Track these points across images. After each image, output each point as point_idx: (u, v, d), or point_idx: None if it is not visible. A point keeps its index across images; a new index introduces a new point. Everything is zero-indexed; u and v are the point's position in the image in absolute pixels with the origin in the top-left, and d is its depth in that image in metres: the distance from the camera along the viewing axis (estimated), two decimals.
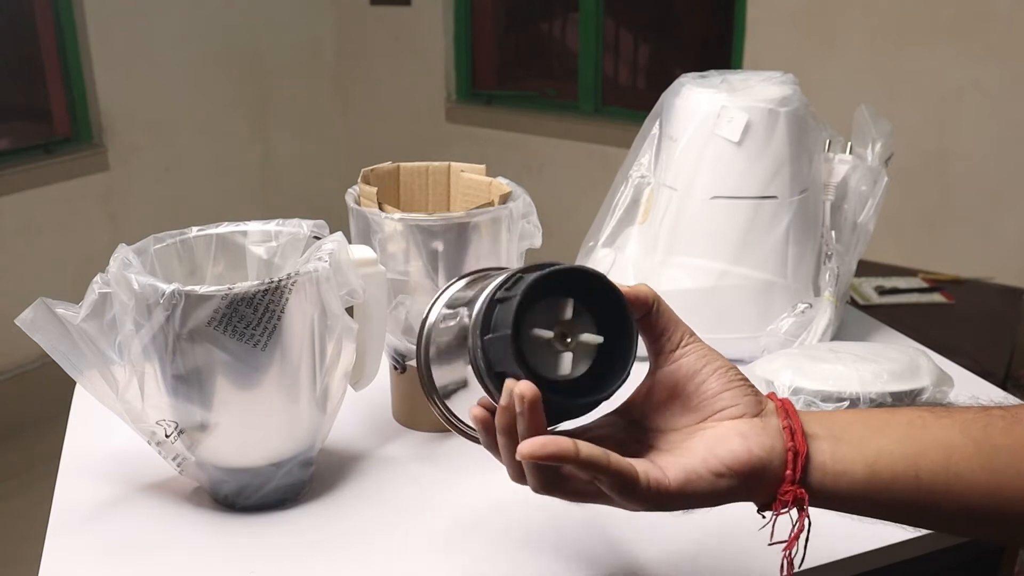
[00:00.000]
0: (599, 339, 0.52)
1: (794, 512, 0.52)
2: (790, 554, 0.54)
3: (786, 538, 0.53)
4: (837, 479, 0.52)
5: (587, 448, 0.48)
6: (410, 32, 3.65)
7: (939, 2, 2.57)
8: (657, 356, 0.55)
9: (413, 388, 0.87)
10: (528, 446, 0.48)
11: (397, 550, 0.71)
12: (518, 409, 0.49)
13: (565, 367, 0.51)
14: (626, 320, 0.52)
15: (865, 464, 0.52)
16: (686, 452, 0.52)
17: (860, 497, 0.52)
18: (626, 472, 0.49)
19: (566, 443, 0.48)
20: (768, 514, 0.53)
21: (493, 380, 0.52)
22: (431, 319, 0.60)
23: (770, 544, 0.53)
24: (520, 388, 0.49)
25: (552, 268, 0.52)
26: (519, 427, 0.50)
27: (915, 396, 0.78)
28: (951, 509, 0.53)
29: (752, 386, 0.54)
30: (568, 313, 0.52)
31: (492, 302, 0.52)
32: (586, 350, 0.52)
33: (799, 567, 0.55)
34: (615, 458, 0.49)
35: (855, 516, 0.54)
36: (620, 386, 0.52)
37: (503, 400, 0.50)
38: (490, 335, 0.51)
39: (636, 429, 0.55)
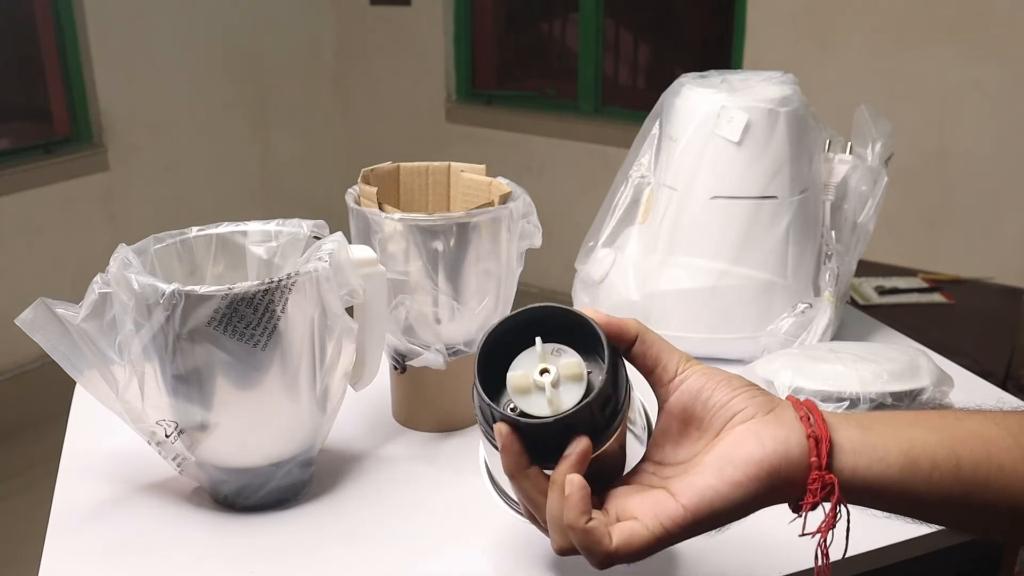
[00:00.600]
0: (575, 357, 0.52)
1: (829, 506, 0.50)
2: (825, 544, 0.52)
3: (829, 531, 0.51)
4: (871, 465, 0.50)
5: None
6: (410, 32, 3.66)
7: (939, 2, 2.57)
8: (659, 389, 0.54)
9: (413, 388, 0.87)
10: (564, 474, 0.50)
11: (397, 550, 0.71)
12: (499, 444, 0.51)
13: (549, 397, 0.51)
14: (591, 330, 0.52)
15: (900, 451, 0.50)
16: (702, 470, 0.50)
17: (897, 487, 0.50)
18: (592, 534, 0.49)
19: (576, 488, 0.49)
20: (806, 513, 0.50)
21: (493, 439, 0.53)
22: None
23: (800, 536, 0.51)
24: (497, 426, 0.51)
25: (500, 321, 0.53)
26: (503, 463, 0.51)
27: (915, 396, 0.78)
28: (991, 504, 0.51)
29: (761, 389, 0.53)
30: (541, 351, 0.52)
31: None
32: (574, 379, 0.51)
33: (843, 556, 0.53)
34: (592, 523, 0.49)
35: (880, 514, 0.52)
36: (607, 391, 0.51)
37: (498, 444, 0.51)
38: (476, 401, 0.53)
39: (665, 469, 0.54)
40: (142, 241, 0.76)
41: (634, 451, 0.57)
